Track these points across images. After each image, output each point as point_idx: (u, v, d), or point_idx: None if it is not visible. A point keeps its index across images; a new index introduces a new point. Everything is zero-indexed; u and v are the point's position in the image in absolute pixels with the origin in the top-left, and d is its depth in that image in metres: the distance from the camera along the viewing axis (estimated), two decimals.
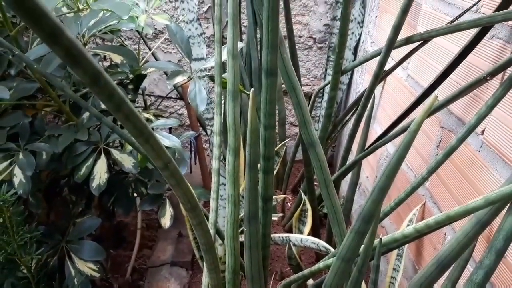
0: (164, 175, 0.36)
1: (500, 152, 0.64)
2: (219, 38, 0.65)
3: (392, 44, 0.78)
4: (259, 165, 0.51)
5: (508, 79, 0.54)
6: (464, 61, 0.75)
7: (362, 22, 1.49)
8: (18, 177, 0.79)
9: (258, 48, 1.43)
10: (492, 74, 0.58)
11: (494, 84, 0.66)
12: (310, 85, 1.78)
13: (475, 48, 0.71)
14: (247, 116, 1.39)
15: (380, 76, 0.83)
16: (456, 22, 0.75)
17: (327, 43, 1.68)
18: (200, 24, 1.37)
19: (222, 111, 0.70)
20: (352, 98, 1.57)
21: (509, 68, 0.61)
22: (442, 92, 0.85)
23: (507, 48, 0.64)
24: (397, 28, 0.76)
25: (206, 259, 0.54)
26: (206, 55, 1.30)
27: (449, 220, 0.48)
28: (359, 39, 1.51)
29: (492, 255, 0.47)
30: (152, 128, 0.97)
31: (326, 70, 1.68)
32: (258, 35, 1.43)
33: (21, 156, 0.80)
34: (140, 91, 1.21)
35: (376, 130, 1.23)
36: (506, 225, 0.45)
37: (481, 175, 0.70)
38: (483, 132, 0.69)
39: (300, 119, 0.52)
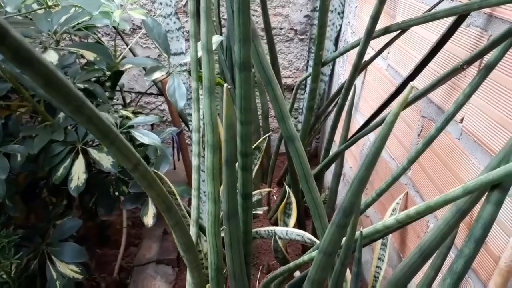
0: (135, 177, 0.35)
1: (479, 139, 0.65)
2: (194, 32, 0.63)
3: (370, 34, 0.78)
4: (237, 162, 0.50)
5: (485, 67, 0.54)
6: (442, 50, 0.75)
7: (343, 12, 1.49)
8: None
9: None
10: (469, 62, 0.58)
11: (472, 72, 0.66)
12: (292, 77, 1.77)
13: (453, 36, 0.71)
14: None
15: (359, 67, 0.83)
16: (433, 11, 0.75)
17: (308, 34, 1.67)
18: (178, 18, 1.34)
19: (200, 107, 0.68)
20: (335, 89, 1.57)
21: (486, 56, 0.61)
22: (422, 82, 0.85)
23: (484, 36, 0.64)
24: (375, 19, 0.75)
25: (186, 258, 0.53)
26: (186, 49, 1.28)
27: (430, 210, 0.48)
28: (340, 29, 1.51)
29: (472, 243, 0.47)
30: (131, 126, 0.95)
31: (308, 62, 1.67)
32: None
33: None
34: (118, 88, 1.19)
35: (359, 120, 1.23)
36: (484, 213, 0.46)
37: (461, 163, 0.70)
38: (462, 120, 0.69)
39: (277, 114, 0.51)
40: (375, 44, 1.08)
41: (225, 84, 0.40)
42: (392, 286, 0.59)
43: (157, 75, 1.04)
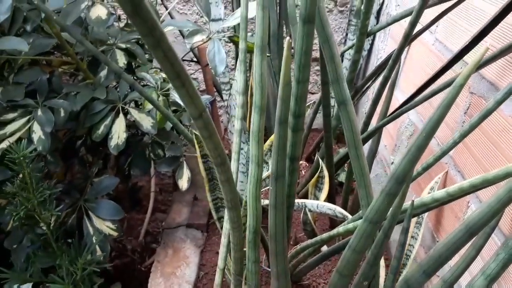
0: (197, 125, 0.34)
1: None
2: None
3: (425, 1, 0.74)
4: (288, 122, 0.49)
5: None
6: (502, 22, 0.71)
7: None
8: (37, 133, 0.78)
9: (277, 9, 1.38)
10: None
11: None
12: None
13: None
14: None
15: (410, 36, 0.79)
16: None
17: (349, 6, 1.62)
18: None
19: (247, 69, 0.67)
20: (373, 64, 1.52)
21: None
22: (473, 56, 0.81)
23: None
24: None
25: (230, 217, 0.53)
26: (224, 15, 1.26)
27: (487, 183, 0.47)
28: (383, 2, 1.45)
29: None
30: (170, 89, 0.95)
31: (347, 35, 1.63)
32: None
33: (39, 112, 0.79)
34: None
35: (398, 97, 1.20)
36: None
37: None
38: None
39: (332, 75, 0.49)
40: (423, 18, 1.03)
41: (287, 38, 0.39)
42: (434, 260, 0.57)
43: (198, 38, 1.03)
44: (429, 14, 0.91)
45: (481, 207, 0.53)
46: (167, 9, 1.20)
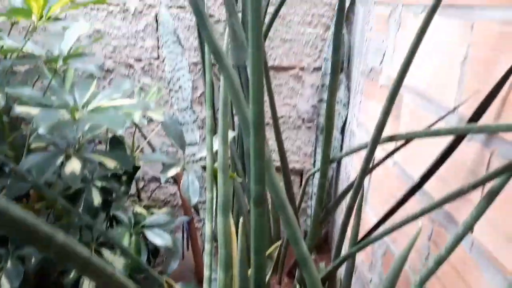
0: None
1: (490, 255, 0.65)
2: (210, 128, 0.67)
3: (376, 141, 0.81)
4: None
5: (488, 194, 0.56)
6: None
7: (348, 103, 1.56)
8: (5, 287, 0.77)
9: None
10: (474, 186, 0.60)
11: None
12: (300, 162, 1.81)
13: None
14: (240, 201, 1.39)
15: (367, 170, 0.85)
16: (436, 127, 0.79)
17: (315, 122, 1.74)
18: (193, 111, 1.42)
19: (214, 218, 0.70)
20: (343, 175, 1.60)
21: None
22: (430, 184, 0.87)
23: (486, 152, 0.67)
24: (379, 128, 0.79)
25: None
26: (200, 136, 1.33)
27: None
28: (346, 119, 1.57)
29: None
30: (144, 226, 0.97)
31: (315, 148, 1.72)
32: None
33: (9, 264, 0.79)
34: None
35: (369, 213, 1.24)
36: None
37: (476, 278, 0.69)
38: (472, 231, 0.70)
39: (290, 237, 0.52)
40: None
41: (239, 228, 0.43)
42: None
43: (173, 172, 1.08)
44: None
45: None
46: (145, 138, 1.27)
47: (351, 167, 1.48)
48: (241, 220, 0.43)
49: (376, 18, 1.24)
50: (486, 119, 0.69)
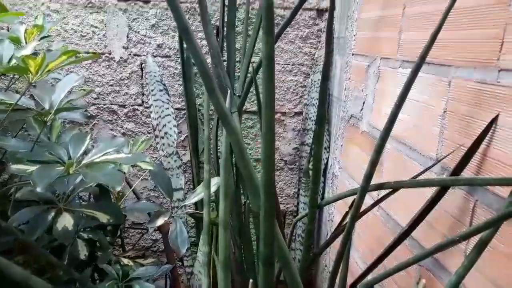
0: None
1: None
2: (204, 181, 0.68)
3: (365, 190, 0.84)
4: None
5: (477, 246, 0.59)
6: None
7: (329, 147, 1.61)
8: None
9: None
10: (464, 237, 0.63)
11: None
12: (284, 204, 1.82)
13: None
14: None
15: (356, 217, 0.88)
16: (424, 177, 0.83)
17: (297, 164, 1.77)
18: (179, 157, 1.42)
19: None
20: (326, 216, 1.62)
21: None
22: (417, 229, 0.90)
23: (471, 200, 0.71)
24: (368, 177, 0.83)
25: None
26: (186, 181, 1.33)
27: None
28: (327, 162, 1.61)
29: None
30: (132, 279, 0.95)
31: (298, 190, 1.75)
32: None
33: None
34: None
35: (355, 258, 1.26)
36: None
37: None
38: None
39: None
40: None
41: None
42: None
43: (161, 221, 1.07)
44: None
45: None
46: (130, 187, 1.26)
47: (334, 209, 1.51)
48: (250, 281, 0.44)
49: (354, 69, 1.31)
50: (469, 168, 0.74)
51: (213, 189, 1.07)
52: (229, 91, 1.34)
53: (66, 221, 0.76)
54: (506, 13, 0.61)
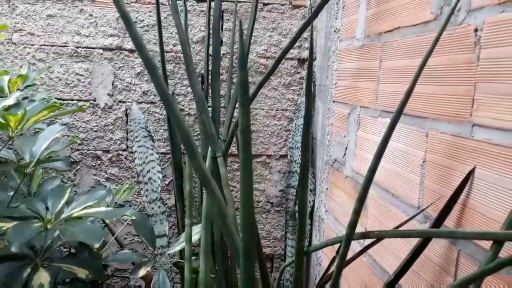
0: None
1: None
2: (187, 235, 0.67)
3: (350, 239, 0.84)
4: None
5: None
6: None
7: (314, 190, 1.61)
8: None
9: None
10: None
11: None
12: (271, 247, 1.80)
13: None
14: None
15: (343, 265, 0.87)
16: (406, 226, 0.83)
17: (284, 206, 1.76)
18: (163, 202, 1.41)
19: None
20: (314, 260, 1.59)
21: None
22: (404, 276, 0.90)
23: (454, 250, 0.71)
24: (352, 227, 0.83)
25: None
26: (170, 227, 1.31)
27: None
28: (313, 205, 1.61)
29: None
30: None
31: (286, 233, 1.73)
32: None
33: None
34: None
35: None
36: None
37: None
38: None
39: None
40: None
41: None
42: None
43: (143, 272, 1.04)
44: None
45: None
46: (113, 234, 1.23)
47: (322, 253, 1.49)
48: None
49: (336, 115, 1.34)
50: (450, 217, 0.74)
51: (195, 238, 1.05)
52: (213, 137, 1.35)
53: (42, 277, 0.73)
54: (475, 72, 0.64)
